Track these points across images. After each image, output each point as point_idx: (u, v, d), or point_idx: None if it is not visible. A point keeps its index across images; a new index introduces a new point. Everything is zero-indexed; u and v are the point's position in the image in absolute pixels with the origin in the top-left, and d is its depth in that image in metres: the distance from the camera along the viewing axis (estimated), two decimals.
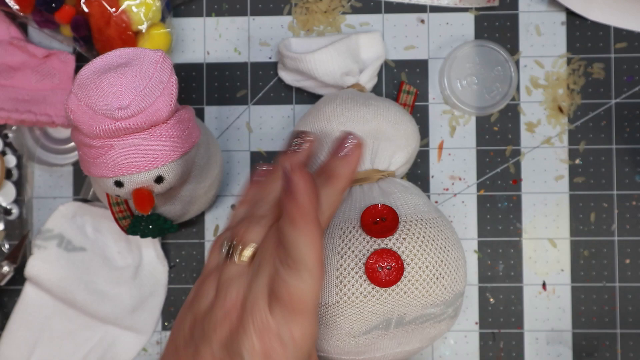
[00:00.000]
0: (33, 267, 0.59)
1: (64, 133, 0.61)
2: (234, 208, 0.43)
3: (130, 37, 0.56)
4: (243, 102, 0.61)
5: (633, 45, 0.60)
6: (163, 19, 0.58)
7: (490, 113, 0.60)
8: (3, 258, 0.59)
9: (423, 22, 0.61)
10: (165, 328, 0.61)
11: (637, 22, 0.59)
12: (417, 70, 0.60)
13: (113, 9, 0.55)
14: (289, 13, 0.61)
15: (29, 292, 0.60)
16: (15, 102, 0.58)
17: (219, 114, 0.61)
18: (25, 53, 0.60)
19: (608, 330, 0.59)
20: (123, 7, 0.55)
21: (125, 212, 0.52)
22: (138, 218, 0.52)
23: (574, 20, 0.60)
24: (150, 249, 0.60)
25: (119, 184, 0.46)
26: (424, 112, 0.60)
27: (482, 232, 0.60)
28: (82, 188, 0.61)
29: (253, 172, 0.45)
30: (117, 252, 0.60)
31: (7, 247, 0.61)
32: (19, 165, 0.62)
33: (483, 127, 0.60)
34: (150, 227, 0.52)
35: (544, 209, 0.60)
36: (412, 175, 0.60)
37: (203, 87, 0.61)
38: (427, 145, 0.60)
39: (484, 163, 0.60)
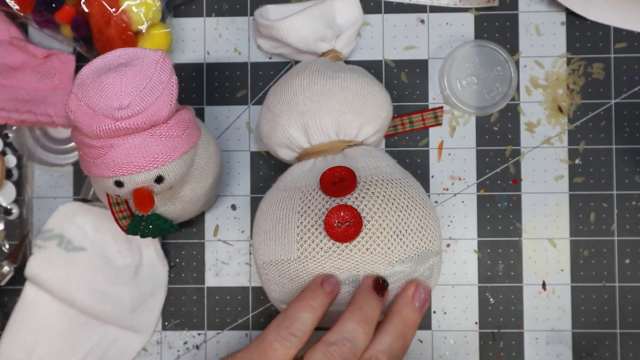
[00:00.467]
0: (33, 267, 0.59)
1: (64, 133, 0.61)
2: (294, 309, 0.45)
3: (131, 37, 0.56)
4: (243, 102, 0.61)
5: (633, 45, 0.60)
6: (163, 19, 0.58)
7: (490, 113, 0.60)
8: (3, 258, 0.59)
9: (423, 22, 0.61)
10: (165, 328, 0.61)
11: (637, 22, 0.59)
12: (417, 70, 0.61)
13: (113, 9, 0.55)
14: None
15: (29, 292, 0.60)
16: (16, 102, 0.58)
17: (219, 114, 0.61)
18: (26, 53, 0.60)
19: (608, 330, 0.59)
20: (123, 7, 0.55)
21: (125, 212, 0.52)
22: (138, 218, 0.52)
23: (574, 20, 0.60)
24: (151, 249, 0.60)
25: (119, 184, 0.46)
26: None
27: (482, 232, 0.60)
28: (82, 188, 0.61)
29: (326, 281, 0.47)
30: (117, 252, 0.60)
31: (7, 247, 0.61)
32: (19, 165, 0.62)
33: (483, 127, 0.60)
34: (150, 227, 0.52)
35: (544, 209, 0.60)
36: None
37: (203, 87, 0.61)
38: (427, 145, 0.60)
39: (484, 163, 0.60)
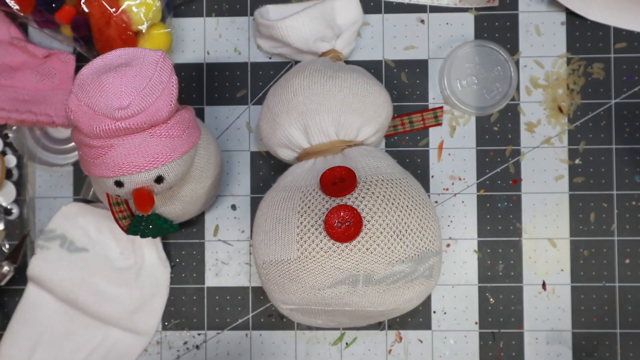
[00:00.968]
0: (35, 267, 0.59)
1: (64, 133, 0.61)
2: None
3: (131, 37, 0.56)
4: (243, 102, 0.61)
5: (633, 45, 0.60)
6: (163, 19, 0.58)
7: (490, 113, 0.60)
8: (3, 258, 0.59)
9: (423, 22, 0.61)
10: (165, 328, 0.61)
11: (637, 22, 0.59)
12: (417, 70, 0.61)
13: (113, 9, 0.55)
14: None
15: (31, 292, 0.60)
16: (16, 102, 0.58)
17: (219, 114, 0.61)
18: (26, 53, 0.60)
19: (608, 330, 0.59)
20: (123, 7, 0.55)
21: (126, 212, 0.52)
22: (138, 218, 0.52)
23: (574, 20, 0.60)
24: (153, 251, 0.60)
25: (119, 184, 0.46)
26: None
27: (482, 232, 0.60)
28: (82, 188, 0.61)
29: None
30: (119, 253, 0.60)
31: (7, 247, 0.61)
32: (19, 165, 0.62)
33: (483, 127, 0.60)
34: (150, 227, 0.52)
35: (544, 209, 0.60)
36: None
37: (203, 87, 0.61)
38: (427, 145, 0.60)
39: (484, 163, 0.60)
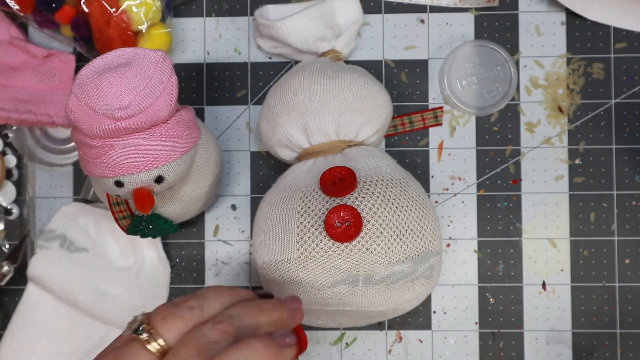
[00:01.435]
0: (35, 267, 0.59)
1: (64, 133, 0.61)
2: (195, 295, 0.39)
3: (131, 37, 0.56)
4: (243, 102, 0.61)
5: (633, 45, 0.60)
6: (163, 19, 0.58)
7: (490, 113, 0.60)
8: (3, 258, 0.59)
9: (423, 22, 0.61)
10: None
11: (637, 22, 0.59)
12: (417, 70, 0.61)
13: (113, 9, 0.55)
14: None
15: (31, 292, 0.60)
16: (16, 102, 0.58)
17: (219, 114, 0.61)
18: (26, 53, 0.60)
19: (608, 330, 0.59)
20: (123, 7, 0.55)
21: (126, 212, 0.52)
22: (138, 218, 0.52)
23: (574, 20, 0.60)
24: (152, 251, 0.60)
25: (119, 184, 0.46)
26: None
27: (482, 232, 0.60)
28: (82, 188, 0.61)
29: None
30: (119, 253, 0.60)
31: (7, 247, 0.61)
32: (19, 165, 0.62)
33: (483, 127, 0.60)
34: (150, 227, 0.52)
35: (544, 209, 0.60)
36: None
37: (203, 87, 0.61)
38: (427, 145, 0.60)
39: (484, 163, 0.60)
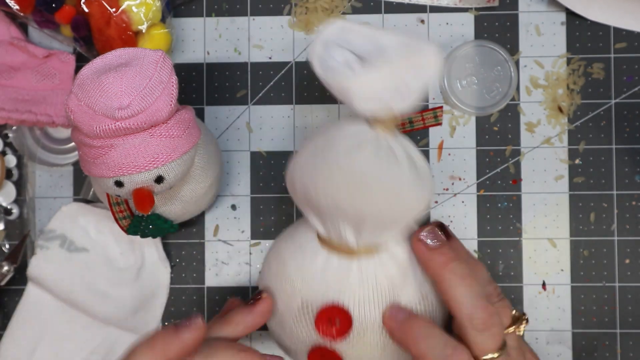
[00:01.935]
0: (35, 267, 0.59)
1: (64, 133, 0.61)
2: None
3: (130, 37, 0.56)
4: (243, 102, 0.61)
5: (633, 45, 0.60)
6: (163, 19, 0.58)
7: (490, 113, 0.60)
8: (3, 258, 0.59)
9: (423, 22, 0.61)
10: None
11: (637, 22, 0.59)
12: None
13: (113, 9, 0.55)
14: (289, 13, 0.61)
15: (32, 292, 0.60)
16: (16, 102, 0.58)
17: (219, 114, 0.61)
18: (26, 53, 0.60)
19: (608, 330, 0.59)
20: (123, 7, 0.55)
21: (126, 212, 0.52)
22: (138, 218, 0.52)
23: (574, 20, 0.60)
24: (153, 250, 0.60)
25: (119, 184, 0.46)
26: None
27: (482, 232, 0.60)
28: (82, 188, 0.61)
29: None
30: (119, 253, 0.60)
31: (7, 247, 0.61)
32: (19, 165, 0.62)
33: (483, 127, 0.60)
34: (150, 227, 0.52)
35: (544, 209, 0.60)
36: None
37: (203, 87, 0.61)
38: (427, 145, 0.60)
39: (484, 163, 0.60)
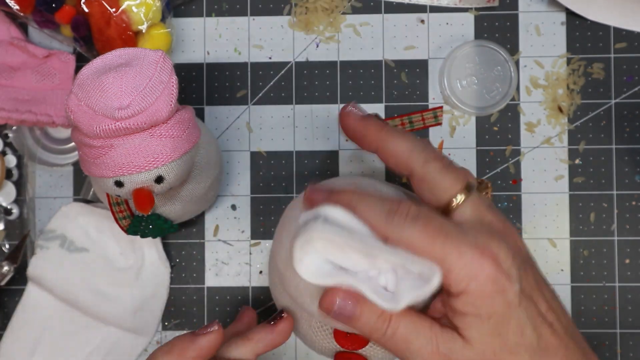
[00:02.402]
0: (35, 267, 0.59)
1: (64, 133, 0.61)
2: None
3: (131, 37, 0.56)
4: (243, 102, 0.61)
5: (633, 45, 0.60)
6: (163, 19, 0.58)
7: (490, 113, 0.60)
8: (3, 258, 0.59)
9: (423, 22, 0.61)
10: (166, 328, 0.61)
11: (637, 22, 0.59)
12: (417, 70, 0.61)
13: (113, 9, 0.55)
14: (289, 13, 0.61)
15: (32, 292, 0.60)
16: (16, 102, 0.58)
17: (219, 114, 0.61)
18: (26, 53, 0.60)
19: (608, 330, 0.59)
20: (123, 7, 0.55)
21: (126, 212, 0.52)
22: (138, 218, 0.52)
23: (574, 20, 0.60)
24: (153, 250, 0.60)
25: (119, 184, 0.46)
26: None
27: None
28: (82, 188, 0.61)
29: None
30: (119, 253, 0.60)
31: (7, 247, 0.61)
32: (19, 165, 0.62)
33: (483, 127, 0.60)
34: (150, 227, 0.52)
35: (544, 209, 0.60)
36: None
37: (203, 87, 0.61)
38: None
39: (484, 163, 0.60)
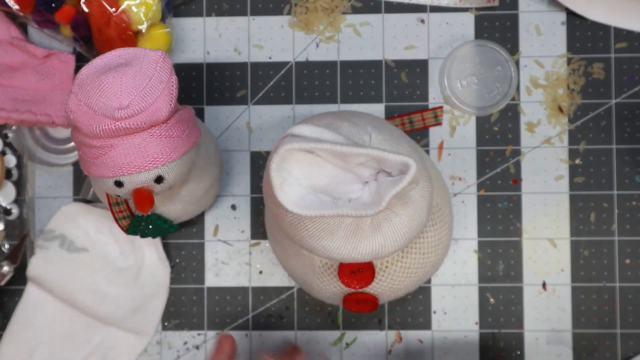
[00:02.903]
0: (35, 267, 0.59)
1: (64, 133, 0.61)
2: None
3: (130, 37, 0.56)
4: (243, 102, 0.61)
5: (633, 45, 0.60)
6: (163, 19, 0.58)
7: (490, 113, 0.60)
8: (3, 258, 0.59)
9: (423, 22, 0.61)
10: (165, 328, 0.61)
11: (637, 22, 0.59)
12: (417, 70, 0.60)
13: (113, 9, 0.55)
14: (289, 13, 0.61)
15: (31, 292, 0.60)
16: (16, 102, 0.58)
17: (219, 114, 0.61)
18: (26, 53, 0.60)
19: (608, 330, 0.59)
20: (123, 7, 0.55)
21: (125, 212, 0.52)
22: (138, 218, 0.52)
23: (574, 20, 0.60)
24: (152, 251, 0.60)
25: (119, 184, 0.45)
26: None
27: (482, 232, 0.60)
28: (82, 188, 0.61)
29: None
30: (119, 253, 0.60)
31: (7, 247, 0.61)
32: (19, 165, 0.62)
33: (483, 127, 0.60)
34: (150, 227, 0.52)
35: (544, 209, 0.60)
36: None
37: (203, 87, 0.61)
38: (427, 145, 0.60)
39: (484, 163, 0.60)
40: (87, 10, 0.55)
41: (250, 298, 0.61)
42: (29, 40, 0.61)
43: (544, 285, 0.59)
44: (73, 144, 0.61)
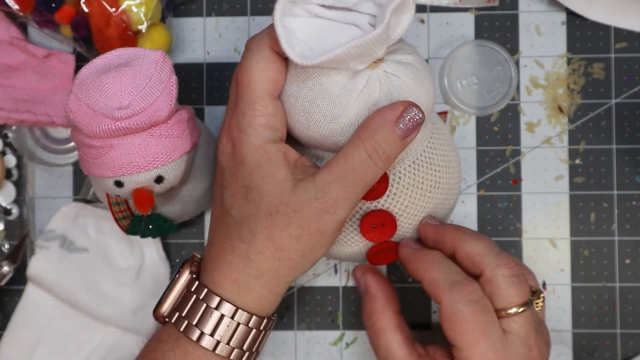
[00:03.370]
0: (35, 267, 0.59)
1: (64, 133, 0.61)
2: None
3: (130, 37, 0.56)
4: None
5: (633, 45, 0.60)
6: (163, 19, 0.58)
7: (490, 113, 0.60)
8: (3, 258, 0.59)
9: (423, 22, 0.61)
10: None
11: (637, 22, 0.59)
12: None
13: (113, 9, 0.55)
14: None
15: (31, 292, 0.60)
16: (15, 102, 0.58)
17: (219, 114, 0.61)
18: (25, 53, 0.60)
19: (608, 330, 0.59)
20: (123, 7, 0.55)
21: (125, 212, 0.52)
22: (138, 218, 0.52)
23: (574, 20, 0.60)
24: (153, 250, 0.60)
25: (119, 184, 0.46)
26: None
27: (482, 232, 0.60)
28: (82, 188, 0.61)
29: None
30: (119, 253, 0.60)
31: (7, 247, 0.61)
32: (19, 165, 0.62)
33: (483, 127, 0.60)
34: (150, 227, 0.52)
35: (544, 209, 0.60)
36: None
37: (203, 87, 0.61)
38: None
39: (484, 163, 0.60)
40: (87, 10, 0.55)
41: None
42: (29, 40, 0.61)
43: (544, 286, 0.59)
44: (73, 144, 0.61)
